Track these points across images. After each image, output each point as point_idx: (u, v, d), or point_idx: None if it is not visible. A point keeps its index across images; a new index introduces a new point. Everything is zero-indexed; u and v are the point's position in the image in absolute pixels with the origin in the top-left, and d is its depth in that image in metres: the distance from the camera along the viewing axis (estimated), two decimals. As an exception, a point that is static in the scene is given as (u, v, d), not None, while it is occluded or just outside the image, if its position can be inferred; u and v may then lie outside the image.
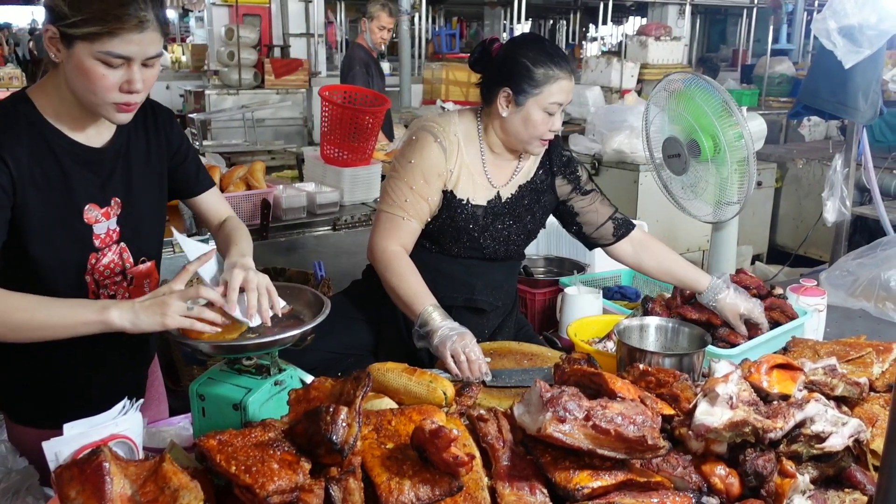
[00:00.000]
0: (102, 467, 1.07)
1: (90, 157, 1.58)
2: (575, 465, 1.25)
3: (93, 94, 1.44)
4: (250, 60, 8.07)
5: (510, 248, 2.10)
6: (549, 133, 1.97)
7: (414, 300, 1.87)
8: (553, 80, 1.91)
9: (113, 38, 1.38)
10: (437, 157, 1.97)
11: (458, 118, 2.06)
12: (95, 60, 1.40)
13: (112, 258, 1.65)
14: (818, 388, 1.49)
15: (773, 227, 5.85)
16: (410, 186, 1.96)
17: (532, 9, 12.29)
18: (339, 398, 1.24)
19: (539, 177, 2.11)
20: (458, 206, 2.00)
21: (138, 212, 1.68)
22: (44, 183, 1.50)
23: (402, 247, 1.97)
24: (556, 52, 1.96)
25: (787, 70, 9.19)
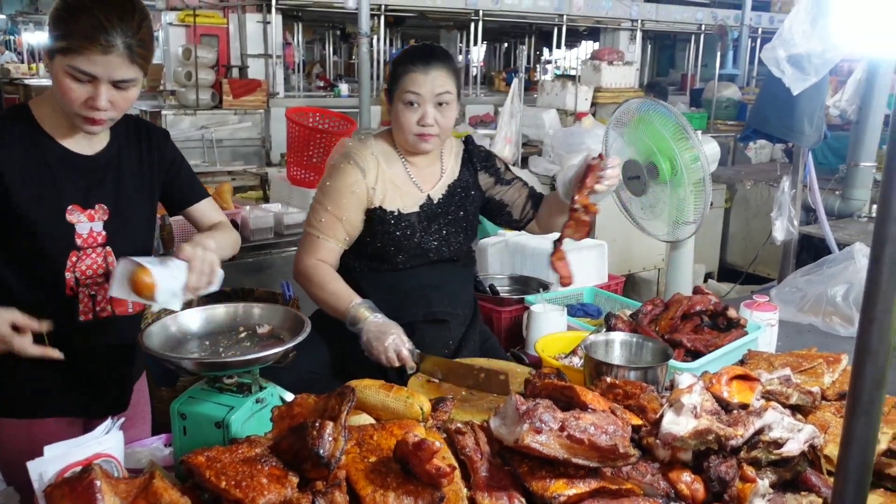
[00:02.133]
0: (93, 485, 1.09)
1: (79, 164, 1.72)
2: (551, 474, 1.30)
3: (64, 104, 1.61)
4: (208, 81, 8.02)
5: (452, 248, 2.16)
6: (420, 127, 2.03)
7: (338, 302, 1.98)
8: (404, 73, 2.02)
9: (79, 55, 1.54)
10: (352, 177, 2.07)
11: (375, 139, 2.17)
12: (66, 74, 1.56)
13: (95, 259, 1.76)
14: (774, 397, 1.57)
15: (724, 245, 6.04)
16: (326, 208, 2.07)
17: (487, 32, 12.48)
18: (324, 413, 1.28)
19: (464, 174, 2.21)
20: (391, 218, 2.08)
21: (126, 219, 1.80)
22: (32, 182, 1.66)
23: (320, 261, 2.07)
24: (419, 50, 2.08)
25: (733, 94, 9.50)
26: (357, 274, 2.11)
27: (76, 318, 1.76)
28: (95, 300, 1.78)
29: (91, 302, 1.77)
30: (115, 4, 1.57)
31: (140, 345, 1.41)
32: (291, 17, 10.28)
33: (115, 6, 1.56)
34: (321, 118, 3.83)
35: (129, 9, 1.58)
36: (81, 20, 1.53)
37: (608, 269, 3.07)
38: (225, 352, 1.48)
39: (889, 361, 0.97)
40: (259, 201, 3.98)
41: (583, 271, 2.82)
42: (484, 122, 7.64)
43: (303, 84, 11.10)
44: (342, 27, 13.39)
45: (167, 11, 8.53)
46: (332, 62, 14.24)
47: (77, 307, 1.75)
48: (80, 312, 1.76)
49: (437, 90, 2.01)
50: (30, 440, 1.73)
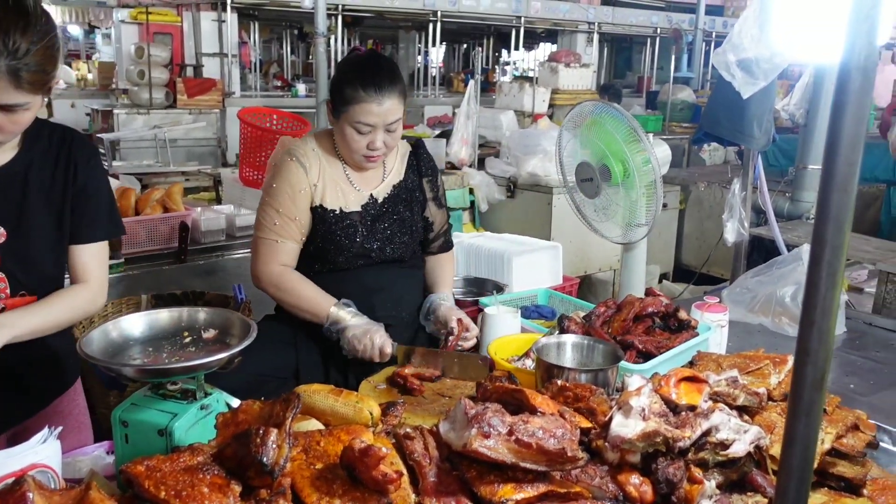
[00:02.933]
0: (26, 497, 1.05)
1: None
2: (499, 478, 1.29)
3: None
4: (161, 79, 7.90)
5: (396, 249, 2.15)
6: (368, 151, 2.02)
7: (317, 306, 1.99)
8: (357, 101, 1.97)
9: None
10: (296, 175, 2.05)
11: (317, 137, 2.16)
12: None
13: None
14: (722, 398, 1.58)
15: (679, 246, 6.13)
16: (277, 210, 2.05)
17: (446, 33, 12.50)
18: (269, 420, 1.25)
19: (409, 176, 2.21)
20: (332, 217, 2.06)
21: (25, 244, 1.61)
22: None
23: (284, 266, 2.06)
24: (369, 74, 1.98)
25: (688, 97, 9.67)
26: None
27: None
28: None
29: None
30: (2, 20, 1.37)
31: (79, 351, 1.36)
32: (247, 16, 10.17)
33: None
34: (275, 119, 3.78)
35: (19, 26, 1.39)
36: None
37: (563, 271, 3.09)
38: (168, 358, 1.44)
39: (829, 363, 0.98)
40: (212, 202, 3.91)
41: (537, 273, 2.84)
42: (442, 123, 7.64)
43: (260, 84, 11.00)
44: (300, 26, 13.30)
45: (119, 8, 8.39)
46: (290, 62, 14.14)
47: None
48: None
49: (389, 119, 1.99)
50: None
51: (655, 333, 2.19)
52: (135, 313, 1.51)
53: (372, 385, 1.91)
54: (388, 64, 2.07)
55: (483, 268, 2.97)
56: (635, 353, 2.07)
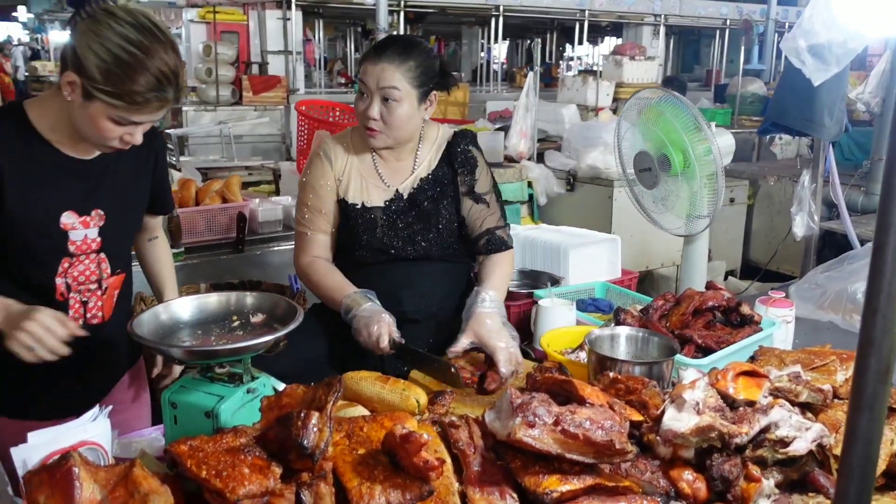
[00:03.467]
0: (72, 472, 1.07)
1: (75, 168, 1.67)
2: (544, 469, 1.26)
3: (95, 137, 1.58)
4: (228, 77, 8.07)
5: (419, 247, 2.07)
6: (368, 120, 1.98)
7: (335, 294, 1.97)
8: (363, 60, 2.03)
9: (131, 112, 1.53)
10: (321, 169, 2.08)
11: (354, 130, 2.15)
12: (108, 118, 1.53)
13: (88, 266, 1.72)
14: (783, 394, 1.52)
15: (747, 242, 5.94)
16: (306, 203, 2.09)
17: (509, 28, 12.44)
18: (311, 404, 1.25)
19: (441, 168, 2.11)
20: (353, 211, 2.05)
21: (121, 225, 1.77)
22: (25, 184, 1.60)
23: (315, 257, 2.07)
24: (384, 40, 2.06)
25: (758, 90, 9.37)
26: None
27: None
28: (87, 307, 1.75)
29: (82, 308, 1.75)
30: (165, 57, 1.52)
31: (130, 332, 1.39)
32: (312, 14, 10.31)
33: (164, 60, 1.51)
34: (335, 112, 3.81)
35: (176, 57, 1.55)
36: (139, 80, 1.49)
37: (623, 265, 3.01)
38: (216, 341, 1.45)
39: (895, 354, 0.92)
40: (271, 195, 3.97)
41: (594, 266, 2.77)
42: (503, 118, 7.58)
43: (324, 81, 11.14)
44: (363, 24, 13.41)
45: (188, 8, 8.59)
46: (354, 59, 14.28)
47: (67, 313, 1.70)
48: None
49: (381, 83, 1.94)
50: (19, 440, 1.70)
51: (716, 328, 2.11)
52: (185, 297, 1.53)
53: (422, 374, 1.90)
54: (408, 39, 2.11)
55: (539, 261, 2.91)
56: (694, 348, 2.00)
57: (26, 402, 1.77)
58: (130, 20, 1.50)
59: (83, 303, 1.74)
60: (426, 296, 2.09)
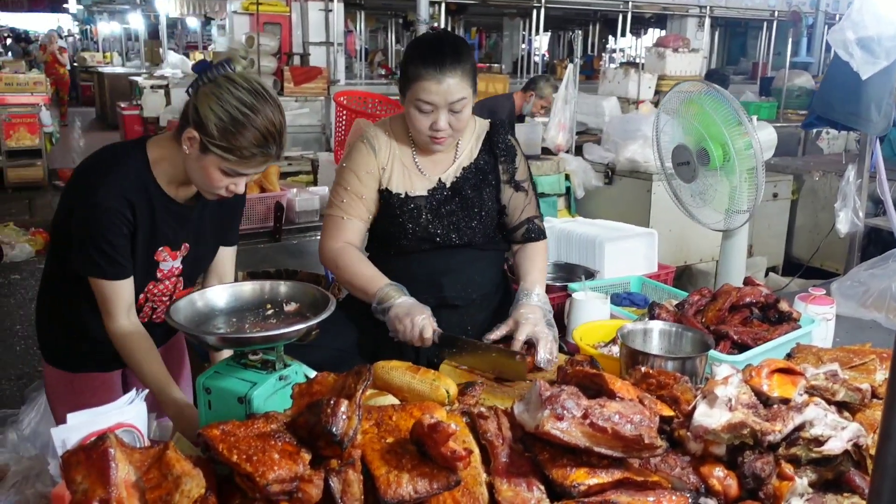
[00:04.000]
0: (108, 453, 1.09)
1: (177, 211, 1.86)
2: (572, 462, 1.26)
3: (206, 186, 1.76)
4: (270, 68, 8.16)
5: (463, 234, 2.08)
6: (432, 131, 1.97)
7: (368, 284, 1.96)
8: (417, 79, 1.92)
9: (239, 165, 1.70)
10: (365, 156, 2.07)
11: (392, 120, 2.14)
12: (219, 170, 1.71)
13: (167, 286, 1.94)
14: (819, 392, 1.49)
15: (789, 239, 5.83)
16: (345, 188, 2.07)
17: (551, 20, 12.33)
18: (341, 392, 1.26)
19: (482, 157, 2.13)
20: (397, 200, 2.05)
21: (200, 255, 1.99)
22: (141, 227, 1.78)
23: (347, 243, 2.05)
24: (430, 51, 1.93)
25: (806, 83, 9.16)
26: (369, 257, 2.10)
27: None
28: (155, 311, 1.98)
29: (151, 313, 1.97)
30: (271, 117, 1.68)
31: (166, 318, 1.42)
32: (353, 6, 10.36)
33: (271, 119, 1.68)
34: (372, 103, 3.82)
35: (281, 118, 1.71)
36: (247, 136, 1.66)
37: (661, 260, 2.98)
38: (250, 328, 1.48)
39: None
40: (309, 185, 4.01)
41: (630, 260, 2.75)
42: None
43: (364, 72, 11.18)
44: (404, 15, 13.43)
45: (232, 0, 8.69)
46: (395, 51, 14.31)
47: (138, 314, 1.90)
48: (142, 314, 1.94)
49: (451, 98, 1.93)
50: (71, 390, 1.99)
51: (753, 325, 2.08)
52: (220, 285, 1.55)
53: (453, 365, 1.91)
54: (453, 41, 2.02)
55: (575, 254, 2.90)
56: (729, 344, 1.97)
57: (77, 357, 1.99)
58: (246, 86, 1.67)
59: (153, 309, 1.96)
60: (467, 283, 2.10)
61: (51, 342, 2.02)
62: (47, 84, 9.62)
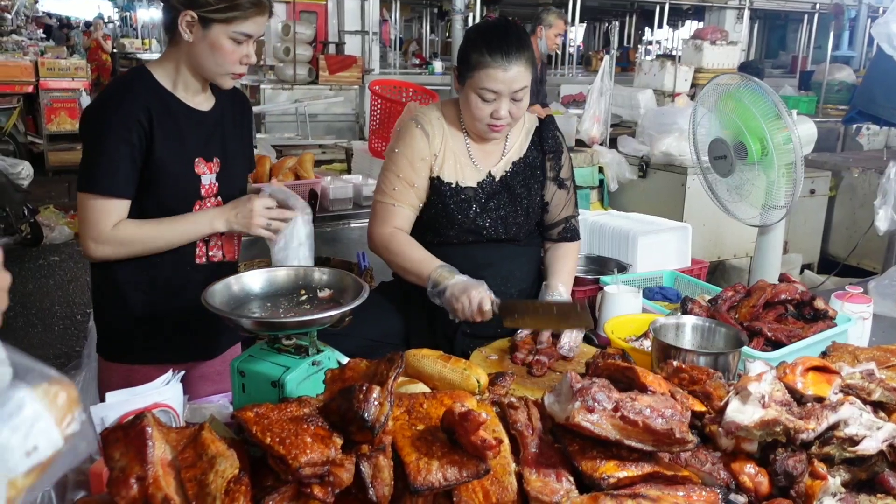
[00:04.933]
0: (145, 432, 1.12)
1: (199, 119, 1.90)
2: (602, 454, 1.26)
3: (220, 66, 1.80)
4: (305, 56, 8.19)
5: (510, 229, 2.09)
6: (493, 119, 1.96)
7: (421, 267, 1.96)
8: (482, 66, 1.91)
9: (246, 20, 1.75)
10: (419, 142, 2.04)
11: (442, 106, 2.13)
12: (229, 39, 1.75)
13: (211, 209, 1.92)
14: (854, 392, 1.47)
15: (826, 236, 5.73)
16: (397, 175, 2.04)
17: (587, 10, 12.22)
18: (373, 378, 1.27)
19: (531, 152, 2.13)
20: (447, 189, 2.04)
21: (232, 172, 1.98)
22: (165, 138, 1.81)
23: (396, 228, 2.04)
24: (496, 39, 1.92)
25: (847, 77, 8.97)
26: None
27: (193, 261, 1.95)
28: (208, 245, 1.97)
29: (205, 247, 1.96)
30: None
31: (203, 301, 1.44)
32: (389, -6, 10.34)
33: None
34: (407, 92, 3.83)
35: None
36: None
37: (694, 254, 2.95)
38: (284, 313, 1.49)
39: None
40: (343, 173, 4.03)
41: (663, 254, 2.72)
42: (577, 102, 7.48)
43: (399, 61, 11.19)
44: (439, 5, 13.41)
45: (269, -13, 8.72)
46: (429, 40, 14.30)
47: (195, 252, 1.94)
48: (196, 257, 1.95)
49: (515, 87, 1.94)
50: (128, 384, 1.86)
51: (787, 322, 2.06)
52: (256, 270, 1.58)
53: (484, 355, 1.91)
54: (516, 30, 2.01)
55: (607, 247, 2.88)
56: (763, 341, 1.95)
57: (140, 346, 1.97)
58: None
59: (205, 242, 1.96)
60: (507, 277, 2.11)
61: (109, 333, 2.00)
62: (88, 70, 9.77)
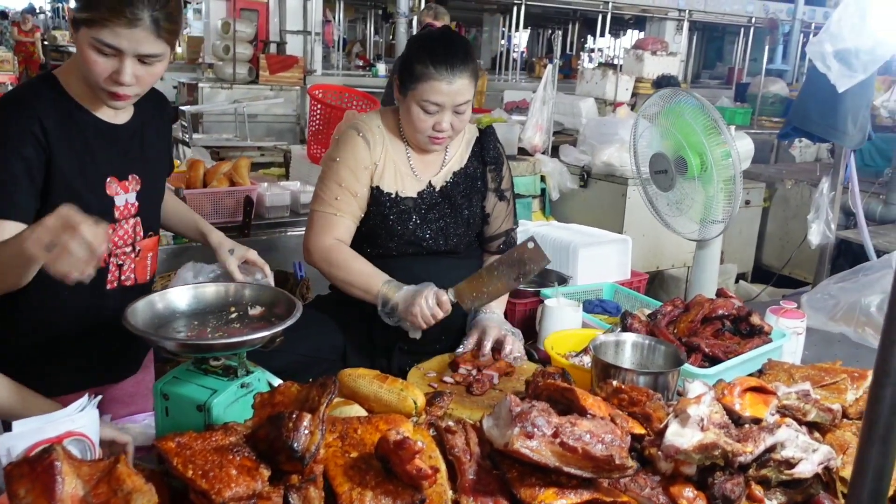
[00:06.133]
0: (54, 466, 1.04)
1: (111, 133, 1.71)
2: (541, 481, 1.23)
3: (88, 77, 1.58)
4: (245, 55, 8.03)
5: (450, 240, 2.06)
6: (434, 132, 1.94)
7: (368, 283, 1.91)
8: (426, 78, 1.88)
9: (104, 28, 1.50)
10: (361, 150, 1.99)
11: (382, 115, 2.08)
12: (91, 47, 1.52)
13: (127, 230, 1.77)
14: (791, 412, 1.47)
15: (760, 246, 5.87)
16: (339, 184, 1.98)
17: (531, 17, 12.33)
18: (304, 404, 1.21)
19: (472, 163, 2.10)
20: (387, 200, 1.99)
21: (152, 189, 1.83)
22: (70, 154, 1.63)
23: (337, 240, 1.98)
24: (441, 51, 1.90)
25: (780, 90, 9.25)
26: None
27: (104, 287, 1.77)
28: (122, 269, 1.81)
29: (118, 272, 1.80)
30: None
31: (123, 322, 1.35)
32: (332, -5, 10.23)
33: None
34: (347, 97, 3.76)
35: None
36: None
37: (634, 265, 2.97)
38: (212, 333, 1.42)
39: (911, 386, 0.87)
40: (281, 178, 3.93)
41: (604, 266, 2.73)
42: (520, 109, 7.52)
43: (342, 63, 11.09)
44: (384, 7, 13.34)
45: (209, -17, 8.54)
46: (373, 42, 14.22)
47: (106, 277, 1.77)
48: (107, 282, 1.77)
49: (458, 100, 1.90)
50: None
51: (725, 337, 2.07)
52: (182, 286, 1.50)
53: (422, 372, 1.87)
54: (461, 42, 1.98)
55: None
56: (701, 357, 1.96)
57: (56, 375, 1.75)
58: None
59: (119, 266, 1.80)
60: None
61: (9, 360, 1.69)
62: (15, 62, 9.38)
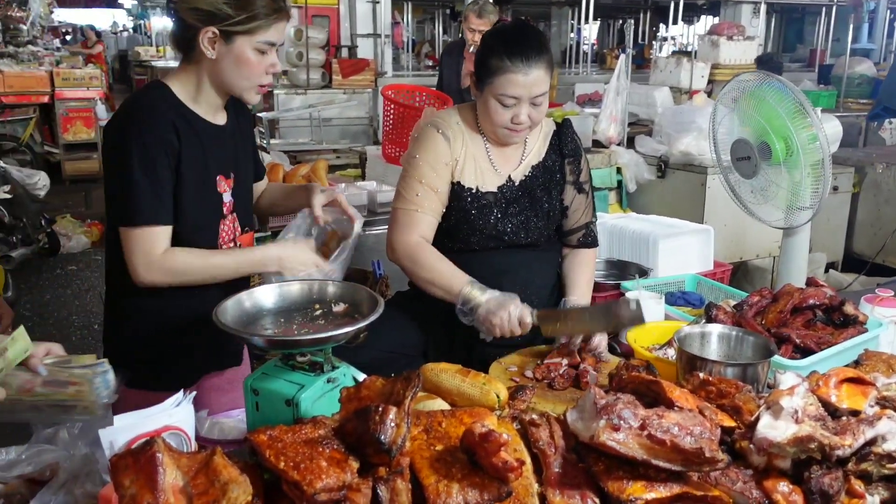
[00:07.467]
0: (156, 458, 1.08)
1: (217, 133, 1.83)
2: (629, 475, 1.21)
3: (246, 79, 1.74)
4: (318, 61, 8.17)
5: (531, 234, 2.05)
6: (512, 124, 1.93)
7: (451, 283, 1.90)
8: (501, 71, 1.88)
9: (269, 29, 1.70)
10: (441, 147, 2.00)
11: (460, 111, 2.09)
12: (253, 50, 1.71)
13: (230, 226, 1.88)
14: (891, 404, 1.41)
15: (850, 234, 5.63)
16: (420, 181, 1.99)
17: (600, 8, 12.13)
18: (390, 398, 1.23)
19: (550, 156, 2.09)
20: (468, 195, 2.00)
21: (244, 186, 1.93)
22: (192, 156, 1.75)
23: (422, 237, 1.99)
24: (516, 44, 1.89)
25: (867, 71, 8.83)
26: None
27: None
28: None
29: None
30: None
31: (214, 319, 1.40)
32: (401, -3, 10.32)
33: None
34: (420, 96, 3.79)
35: None
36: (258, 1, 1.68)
37: (716, 256, 2.89)
38: (298, 329, 1.46)
39: None
40: (357, 179, 3.99)
41: (685, 257, 2.67)
42: (592, 101, 7.41)
43: (412, 63, 11.17)
44: (451, 6, 13.36)
45: (281, -8, 8.72)
46: (442, 41, 14.26)
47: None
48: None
49: (535, 92, 1.90)
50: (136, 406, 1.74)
51: (816, 328, 2.00)
52: (268, 284, 1.54)
53: (503, 367, 1.87)
54: (535, 34, 1.98)
55: (627, 251, 2.83)
56: (791, 349, 1.89)
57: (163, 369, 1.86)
58: None
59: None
60: (526, 284, 2.04)
61: (127, 355, 1.80)
62: (102, 79, 9.82)
